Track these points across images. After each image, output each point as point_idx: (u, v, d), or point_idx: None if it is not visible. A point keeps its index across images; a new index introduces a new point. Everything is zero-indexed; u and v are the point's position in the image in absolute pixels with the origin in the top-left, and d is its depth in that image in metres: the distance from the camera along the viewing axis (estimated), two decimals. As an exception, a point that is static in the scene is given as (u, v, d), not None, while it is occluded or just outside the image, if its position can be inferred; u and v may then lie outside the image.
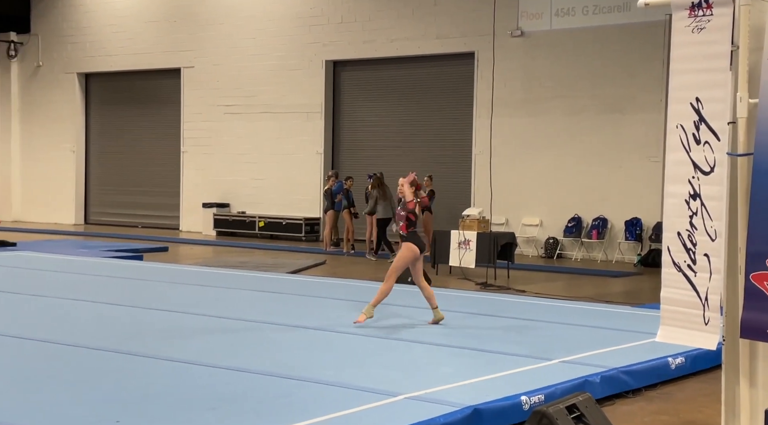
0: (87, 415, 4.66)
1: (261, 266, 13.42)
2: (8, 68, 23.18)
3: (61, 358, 6.11)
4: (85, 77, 22.74)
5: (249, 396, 5.12)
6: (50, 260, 12.65)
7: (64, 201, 22.88)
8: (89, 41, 22.09)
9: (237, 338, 7.01)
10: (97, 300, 8.76)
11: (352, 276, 12.28)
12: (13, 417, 4.55)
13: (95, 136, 23.02)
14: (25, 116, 23.36)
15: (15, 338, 6.73)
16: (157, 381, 5.47)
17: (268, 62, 19.63)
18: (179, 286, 10.26)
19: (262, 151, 19.82)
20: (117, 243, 16.76)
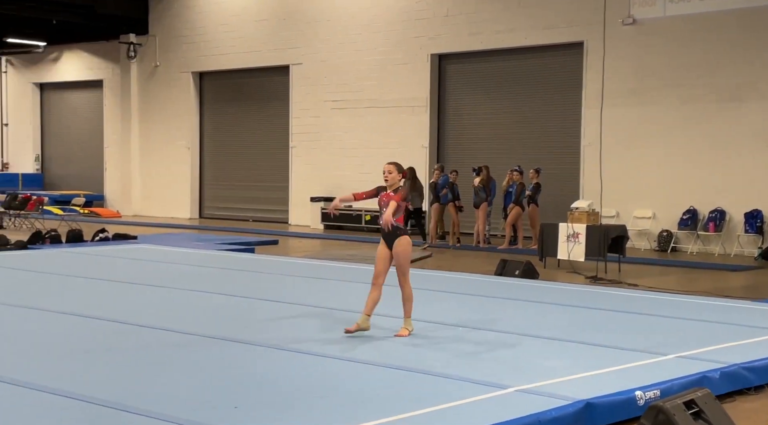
0: (206, 400, 4.83)
1: (368, 259, 13.54)
2: (128, 69, 24.22)
3: (179, 346, 6.35)
4: (199, 76, 23.52)
5: (357, 386, 5.19)
6: (168, 252, 13.15)
7: (180, 196, 23.74)
8: (203, 41, 22.83)
9: (338, 327, 7.11)
10: (212, 291, 9.06)
11: (458, 268, 12.25)
12: (138, 402, 4.76)
13: (209, 133, 23.79)
14: (143, 115, 24.37)
15: (136, 326, 7.03)
16: (270, 369, 5.61)
17: (373, 57, 19.79)
18: (289, 278, 10.49)
19: (368, 145, 20.00)
20: (229, 237, 17.27)
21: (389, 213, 6.54)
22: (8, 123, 27.89)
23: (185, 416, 4.48)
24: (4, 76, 27.78)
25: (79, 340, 6.50)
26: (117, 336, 6.68)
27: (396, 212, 6.63)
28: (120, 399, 4.76)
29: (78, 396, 4.82)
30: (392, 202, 6.61)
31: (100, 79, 25.44)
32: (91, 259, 12.11)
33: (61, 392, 4.90)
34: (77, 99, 26.87)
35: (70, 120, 27.06)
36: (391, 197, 6.68)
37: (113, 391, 4.95)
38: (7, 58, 27.52)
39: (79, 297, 8.63)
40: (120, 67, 24.47)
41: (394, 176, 6.74)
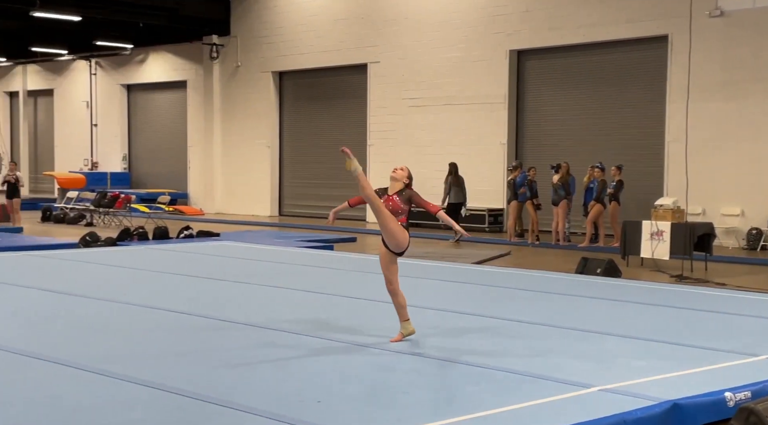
0: (291, 394, 4.91)
1: (445, 256, 13.54)
2: (211, 69, 24.77)
3: (261, 341, 6.46)
4: (278, 75, 23.88)
5: (438, 382, 5.20)
6: (249, 249, 13.40)
7: (260, 194, 24.16)
8: (283, 41, 23.17)
9: (423, 325, 7.12)
10: (292, 288, 9.19)
11: (538, 267, 12.11)
12: (224, 394, 4.87)
13: (288, 132, 24.14)
14: (225, 114, 24.89)
15: (220, 321, 7.19)
16: (351, 365, 5.66)
17: (451, 54, 19.73)
18: (368, 275, 10.55)
19: (445, 142, 19.96)
20: (309, 234, 17.50)
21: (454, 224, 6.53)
22: (97, 123, 28.88)
23: (270, 409, 4.57)
24: (93, 78, 28.78)
25: (166, 334, 6.69)
26: (202, 330, 6.84)
27: (397, 212, 6.32)
28: (206, 392, 4.88)
29: (167, 388, 4.96)
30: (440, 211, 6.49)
31: (184, 80, 26.10)
32: (177, 256, 12.45)
33: (152, 383, 5.06)
34: (162, 99, 27.64)
35: (156, 120, 27.85)
36: (395, 201, 6.34)
37: (199, 383, 5.08)
38: (97, 60, 28.51)
39: (166, 293, 8.88)
40: (203, 68, 25.05)
41: (402, 174, 6.43)
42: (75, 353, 5.85)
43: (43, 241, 14.53)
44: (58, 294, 8.48)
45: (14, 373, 5.34)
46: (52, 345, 6.16)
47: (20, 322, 7.07)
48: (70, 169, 28.06)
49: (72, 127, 29.60)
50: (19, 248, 13.12)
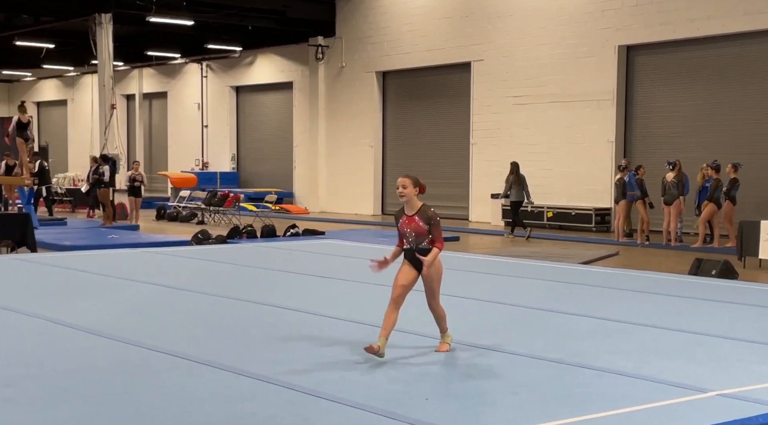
0: (399, 391, 4.93)
1: (551, 256, 13.32)
2: (316, 70, 25.19)
3: (369, 338, 6.51)
4: (382, 75, 24.06)
5: (547, 384, 5.11)
6: (354, 248, 13.55)
7: (364, 193, 24.40)
8: (386, 41, 23.33)
9: (531, 325, 7.03)
10: (396, 285, 9.22)
11: (648, 267, 11.75)
12: (333, 389, 4.94)
13: (391, 131, 24.29)
14: (330, 114, 25.26)
15: (326, 318, 7.29)
16: (461, 364, 5.64)
17: (557, 51, 19.39)
18: (470, 274, 10.50)
19: (550, 140, 19.64)
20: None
21: (430, 262, 5.72)
22: (208, 124, 29.83)
23: (378, 405, 4.60)
24: (204, 80, 29.74)
25: (274, 330, 6.84)
26: (307, 326, 6.96)
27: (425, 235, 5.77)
28: (317, 386, 4.96)
29: (276, 381, 5.07)
30: (434, 249, 5.76)
31: (290, 81, 26.63)
32: (284, 253, 12.71)
33: (260, 377, 5.18)
34: (269, 100, 28.30)
35: (263, 120, 28.53)
36: (416, 223, 5.75)
37: (309, 378, 5.16)
38: (208, 63, 29.44)
39: (274, 289, 9.07)
40: (308, 69, 25.50)
41: (410, 190, 5.81)
42: (190, 346, 6.05)
43: (158, 239, 15.14)
44: (173, 290, 8.79)
45: (133, 366, 5.57)
46: (169, 338, 6.39)
47: (137, 316, 7.37)
48: (183, 169, 29.08)
49: (184, 128, 30.67)
50: (136, 245, 13.70)
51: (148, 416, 4.39)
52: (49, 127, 37.31)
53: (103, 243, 13.85)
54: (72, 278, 9.73)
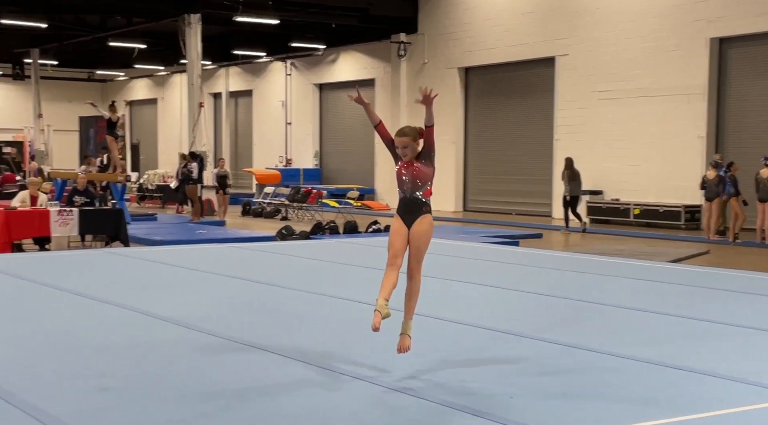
0: (482, 388, 4.91)
1: (638, 254, 13.01)
2: (398, 67, 25.25)
3: (449, 335, 6.50)
4: (464, 71, 23.93)
5: (636, 384, 5.00)
6: (434, 244, 13.46)
7: (445, 189, 24.33)
8: (469, 37, 23.20)
9: (615, 324, 6.88)
10: (477, 282, 9.18)
11: (741, 266, 11.35)
12: (416, 387, 4.95)
13: (473, 127, 24.14)
14: (411, 110, 25.28)
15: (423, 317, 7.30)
16: (547, 362, 5.57)
17: (645, 44, 18.92)
18: (553, 272, 10.35)
19: (637, 136, 19.18)
20: (493, 230, 17.42)
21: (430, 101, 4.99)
22: (291, 121, 30.27)
23: (462, 403, 4.58)
24: (288, 78, 30.19)
25: (357, 325, 6.89)
26: (391, 322, 6.98)
27: (424, 181, 5.22)
28: (400, 383, 4.97)
29: (360, 376, 5.11)
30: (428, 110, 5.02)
31: (373, 78, 26.77)
32: (366, 249, 12.79)
33: (344, 371, 5.23)
34: (351, 98, 28.51)
35: (345, 118, 28.77)
36: (417, 167, 5.23)
37: (393, 375, 5.18)
38: (292, 61, 29.88)
39: (358, 285, 9.14)
40: (391, 66, 25.58)
41: (412, 146, 5.24)
42: (276, 339, 6.15)
43: (244, 234, 15.45)
44: (258, 284, 8.96)
45: (221, 357, 5.70)
46: (255, 331, 6.51)
47: (225, 309, 7.54)
48: (267, 166, 29.60)
49: (268, 126, 31.21)
50: (222, 240, 14.02)
51: (237, 408, 4.49)
52: (140, 125, 38.53)
53: (191, 238, 14.22)
54: (162, 272, 10.03)
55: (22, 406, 4.43)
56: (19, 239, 12.63)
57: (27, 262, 10.81)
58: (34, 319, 6.95)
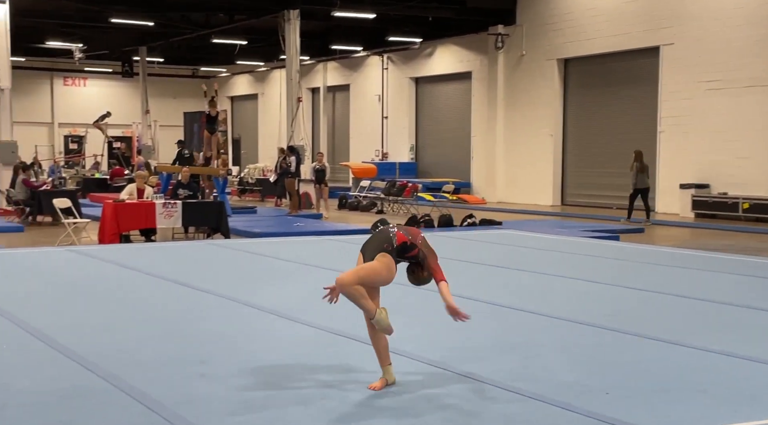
0: (574, 382, 4.82)
1: (746, 250, 12.49)
2: (495, 59, 24.99)
3: (546, 329, 6.41)
4: (564, 62, 23.48)
5: (739, 383, 4.80)
6: (531, 238, 13.35)
7: (543, 183, 23.97)
8: (569, 27, 22.74)
9: (720, 321, 6.63)
10: (575, 277, 9.01)
11: None
12: (511, 379, 4.89)
13: (571, 120, 23.67)
14: (508, 103, 25.00)
15: (504, 307, 7.24)
16: (643, 358, 5.43)
17: (756, 31, 18.08)
18: (656, 267, 10.05)
19: (746, 127, 18.38)
20: (593, 224, 17.04)
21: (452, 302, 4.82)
22: (388, 115, 30.41)
23: (554, 397, 4.51)
24: (385, 72, 30.33)
25: (444, 316, 6.86)
26: (485, 316, 6.94)
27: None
28: (491, 375, 4.94)
29: (451, 368, 5.09)
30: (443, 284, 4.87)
31: (469, 71, 26.59)
32: (461, 243, 12.73)
33: (435, 363, 5.22)
34: (447, 91, 28.41)
35: (441, 111, 28.70)
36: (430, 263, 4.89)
37: (485, 366, 5.15)
38: (388, 55, 30.00)
39: (449, 278, 9.10)
40: (488, 58, 25.34)
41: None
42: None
43: (340, 227, 15.63)
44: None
45: (317, 347, 5.79)
46: (348, 323, 6.58)
47: (319, 301, 7.64)
48: (363, 160, 29.85)
49: (365, 120, 31.45)
50: (318, 233, 14.23)
51: (333, 398, 4.54)
52: (241, 120, 39.49)
53: (289, 231, 14.49)
54: (260, 263, 10.26)
55: (127, 390, 4.62)
56: (126, 230, 13.15)
57: (134, 253, 11.25)
58: (139, 307, 7.23)
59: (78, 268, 9.51)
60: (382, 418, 4.19)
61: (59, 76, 37.88)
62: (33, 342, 5.80)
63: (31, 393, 4.56)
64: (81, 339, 5.84)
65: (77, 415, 4.20)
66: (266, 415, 4.22)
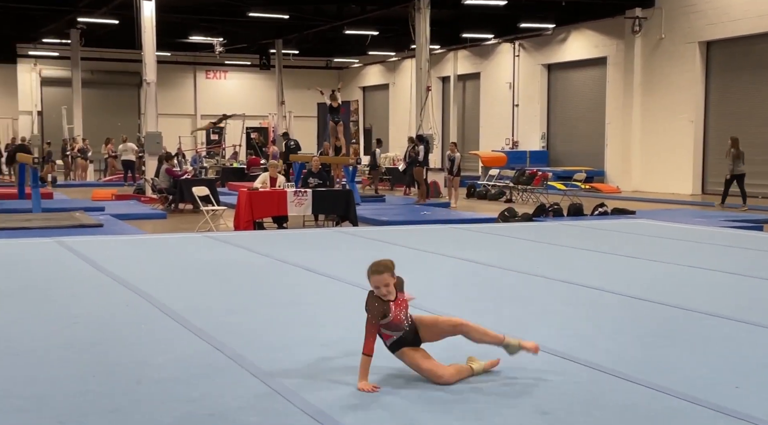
0: (702, 375, 4.63)
1: None
2: (632, 43, 24.17)
3: (673, 320, 6.19)
4: (705, 45, 22.43)
5: None
6: (667, 228, 12.86)
7: (681, 171, 23.04)
8: (712, 8, 21.69)
9: None
10: (710, 268, 8.62)
11: None
12: (638, 371, 4.76)
13: (714, 105, 22.60)
14: (645, 89, 24.14)
15: (635, 299, 7.03)
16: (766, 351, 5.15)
17: None
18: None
19: None
20: (734, 214, 16.24)
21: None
22: (518, 103, 30.02)
23: (683, 390, 4.36)
24: (516, 59, 29.93)
25: (575, 308, 6.74)
26: (611, 306, 6.76)
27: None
28: (614, 366, 4.82)
29: (581, 361, 5.01)
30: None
31: (604, 56, 25.85)
32: (590, 232, 12.43)
33: (565, 355, 5.15)
34: (581, 77, 27.73)
35: (574, 98, 28.05)
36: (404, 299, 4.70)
37: (609, 357, 5.03)
38: (520, 42, 29.58)
39: (577, 268, 8.93)
40: (624, 43, 24.55)
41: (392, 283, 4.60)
42: (491, 319, 6.18)
43: (467, 216, 15.61)
44: (477, 264, 9.02)
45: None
46: (473, 311, 6.58)
47: (443, 288, 7.68)
48: (493, 148, 29.61)
49: (495, 108, 31.17)
50: (445, 221, 14.26)
51: (461, 390, 4.56)
52: (372, 110, 40.02)
53: (416, 219, 14.59)
54: (386, 251, 10.38)
55: (252, 370, 4.81)
56: (260, 218, 13.63)
57: (266, 239, 11.64)
58: (267, 291, 7.50)
59: (213, 253, 9.95)
60: (492, 404, 4.18)
61: (201, 70, 39.62)
62: (168, 321, 6.13)
63: (164, 369, 4.83)
64: (211, 320, 6.12)
65: (205, 392, 4.41)
66: (383, 402, 4.30)
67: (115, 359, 5.03)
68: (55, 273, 8.32)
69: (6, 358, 5.07)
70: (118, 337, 5.61)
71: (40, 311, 6.48)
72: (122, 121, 36.21)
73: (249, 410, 4.12)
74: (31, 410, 4.10)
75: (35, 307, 6.63)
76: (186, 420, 3.99)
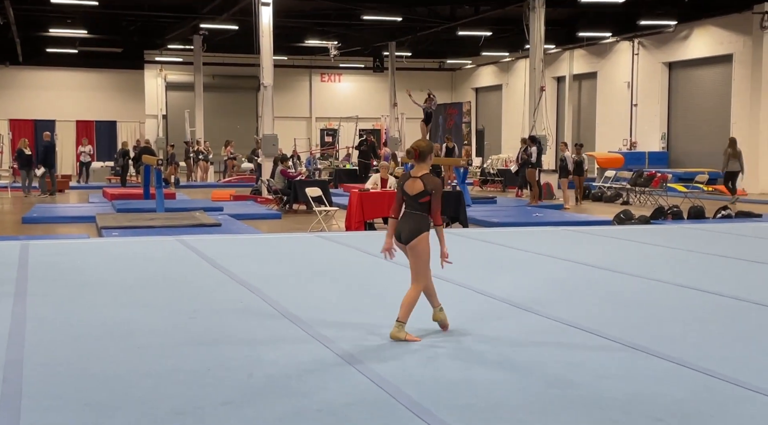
0: None
1: None
2: (760, 40, 23.04)
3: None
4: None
5: None
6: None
7: None
8: None
9: None
10: None
11: None
12: (752, 379, 4.56)
13: None
14: (774, 87, 22.96)
15: (742, 301, 6.72)
16: None
17: None
18: None
19: None
20: None
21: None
22: (637, 103, 29.13)
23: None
24: (635, 58, 29.06)
25: (692, 313, 6.50)
26: (729, 311, 6.48)
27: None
28: (734, 373, 4.62)
29: (690, 365, 4.83)
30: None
31: (730, 54, 24.75)
32: (711, 235, 11.95)
33: (673, 359, 4.98)
34: (704, 75, 26.65)
35: (696, 97, 26.98)
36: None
37: (726, 363, 4.83)
38: (640, 40, 28.70)
39: (695, 272, 8.61)
40: (752, 39, 23.43)
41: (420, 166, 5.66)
42: (602, 323, 6.04)
43: (580, 218, 15.27)
44: (589, 267, 8.83)
45: (543, 335, 5.73)
46: (584, 314, 6.45)
47: (553, 291, 7.55)
48: (609, 149, 28.84)
49: (612, 108, 30.35)
50: (558, 223, 14.00)
51: (526, 384, 4.49)
52: (485, 111, 39.74)
53: (527, 221, 14.40)
54: (496, 252, 10.31)
55: (359, 367, 4.88)
56: (371, 218, 13.77)
57: (376, 239, 11.75)
58: (376, 290, 7.59)
59: (324, 253, 10.14)
60: (605, 410, 4.09)
61: (316, 73, 40.36)
62: (280, 318, 6.30)
63: (275, 365, 4.97)
64: (321, 318, 6.25)
65: (313, 387, 4.52)
66: (490, 399, 4.27)
67: (229, 354, 5.21)
68: (175, 270, 8.69)
69: (129, 351, 5.34)
70: (232, 333, 5.81)
71: (161, 306, 6.79)
72: (241, 123, 37.36)
73: (356, 406, 4.19)
74: (149, 401, 4.30)
75: (156, 302, 6.95)
76: (294, 414, 4.09)
